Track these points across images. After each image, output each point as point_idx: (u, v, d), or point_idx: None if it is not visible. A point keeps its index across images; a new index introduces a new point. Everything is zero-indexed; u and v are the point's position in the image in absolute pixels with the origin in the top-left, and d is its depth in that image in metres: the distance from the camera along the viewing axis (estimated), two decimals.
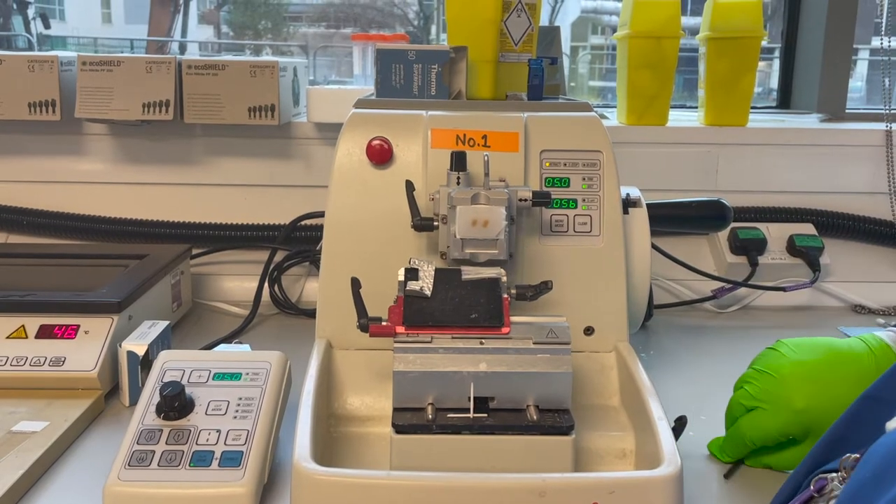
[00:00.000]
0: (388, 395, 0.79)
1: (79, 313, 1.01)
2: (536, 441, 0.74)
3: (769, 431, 0.80)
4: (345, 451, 0.82)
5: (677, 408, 0.84)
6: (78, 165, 1.43)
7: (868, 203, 1.47)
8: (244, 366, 0.86)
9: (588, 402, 0.88)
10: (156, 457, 0.75)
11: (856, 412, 0.64)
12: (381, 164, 0.92)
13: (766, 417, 0.79)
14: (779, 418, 0.79)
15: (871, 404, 0.63)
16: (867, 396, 0.64)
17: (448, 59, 1.01)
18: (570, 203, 0.92)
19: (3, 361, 0.96)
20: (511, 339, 0.76)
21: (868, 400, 0.64)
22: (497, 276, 0.80)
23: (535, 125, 0.93)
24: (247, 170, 1.43)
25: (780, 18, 1.81)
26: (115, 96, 1.32)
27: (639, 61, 1.46)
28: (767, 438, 0.80)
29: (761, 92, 2.31)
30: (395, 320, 0.77)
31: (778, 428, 0.79)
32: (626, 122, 1.49)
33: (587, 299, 0.91)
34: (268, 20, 7.47)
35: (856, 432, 0.63)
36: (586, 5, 7.62)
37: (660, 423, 0.75)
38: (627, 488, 0.67)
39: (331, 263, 0.91)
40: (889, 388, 0.61)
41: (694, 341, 1.24)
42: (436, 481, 0.67)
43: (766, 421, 0.80)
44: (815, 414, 0.77)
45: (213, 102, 1.33)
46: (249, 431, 0.78)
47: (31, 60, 1.32)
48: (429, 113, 0.94)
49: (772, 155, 1.46)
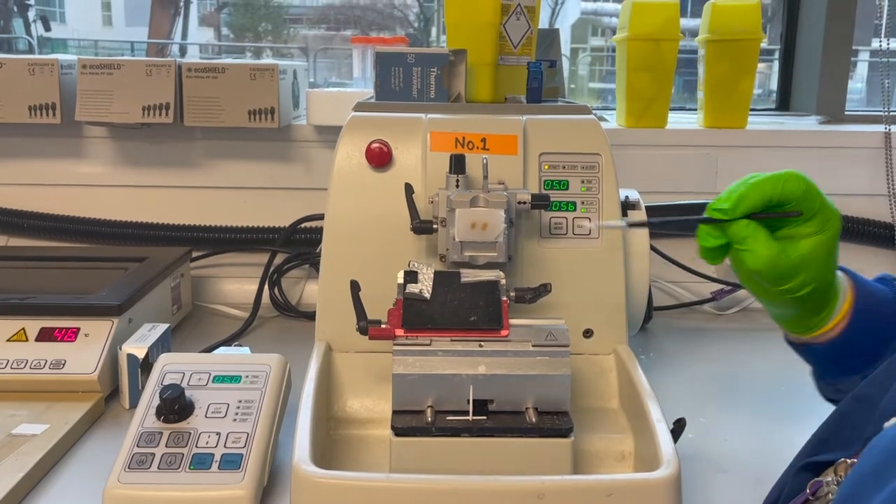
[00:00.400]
0: (387, 398, 0.79)
1: (79, 316, 1.01)
2: (535, 443, 0.74)
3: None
4: (344, 453, 0.82)
5: (676, 410, 0.84)
6: (78, 168, 1.43)
7: (867, 205, 1.47)
8: (244, 368, 0.86)
9: (587, 404, 0.88)
10: (156, 459, 0.75)
11: (842, 411, 0.65)
12: (381, 167, 0.92)
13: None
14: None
15: (858, 403, 0.63)
16: (854, 396, 0.64)
17: (447, 63, 1.01)
18: (569, 206, 0.93)
19: (4, 364, 0.96)
20: (510, 341, 0.76)
21: (854, 399, 0.64)
22: (496, 278, 0.80)
23: (534, 128, 0.93)
24: (247, 172, 1.43)
25: (779, 20, 1.81)
26: (115, 99, 1.32)
27: (638, 64, 1.46)
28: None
29: (762, 93, 2.32)
30: (394, 323, 0.77)
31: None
32: (626, 125, 1.49)
33: (586, 302, 0.91)
34: (268, 22, 7.49)
35: (843, 429, 0.63)
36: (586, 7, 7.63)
37: (659, 425, 0.75)
38: (626, 490, 0.68)
39: (330, 266, 0.91)
40: (874, 387, 0.62)
41: (693, 343, 1.24)
42: (435, 484, 0.67)
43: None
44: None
45: (212, 105, 1.33)
46: (249, 434, 0.78)
47: (32, 64, 1.32)
48: (428, 116, 0.94)
49: (771, 157, 1.47)
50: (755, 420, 0.99)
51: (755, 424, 0.98)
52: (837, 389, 0.79)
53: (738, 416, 0.99)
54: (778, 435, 0.95)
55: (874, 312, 0.75)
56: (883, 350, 0.73)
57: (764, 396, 1.06)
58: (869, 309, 0.75)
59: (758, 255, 0.70)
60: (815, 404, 0.81)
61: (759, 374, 1.12)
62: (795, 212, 0.70)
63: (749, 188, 0.70)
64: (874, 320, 0.75)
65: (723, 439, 0.93)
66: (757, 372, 1.13)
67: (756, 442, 0.93)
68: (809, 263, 0.70)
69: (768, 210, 0.71)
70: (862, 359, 0.75)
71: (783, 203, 0.70)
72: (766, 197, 0.70)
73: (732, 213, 0.70)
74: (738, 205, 0.70)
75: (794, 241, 0.71)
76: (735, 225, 0.70)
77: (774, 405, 1.03)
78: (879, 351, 0.74)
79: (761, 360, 1.16)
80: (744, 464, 0.88)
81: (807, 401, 0.85)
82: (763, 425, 0.98)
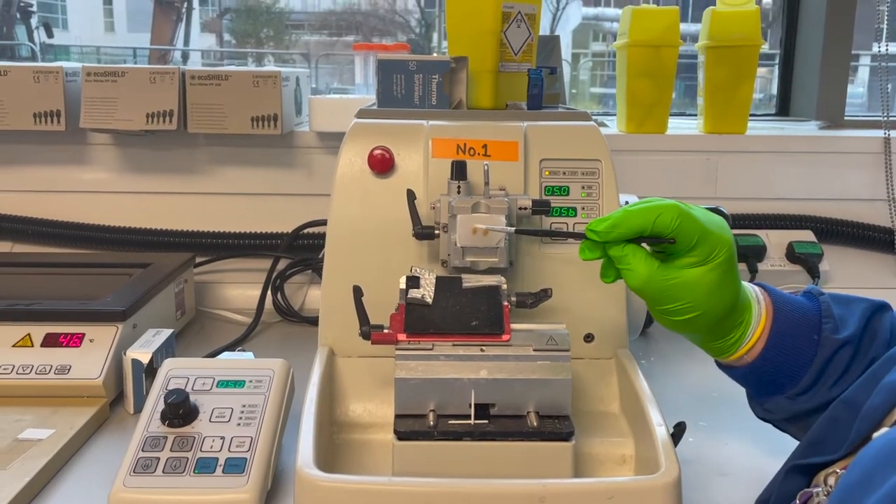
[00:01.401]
0: (389, 402, 0.80)
1: (84, 322, 1.02)
2: (537, 447, 0.75)
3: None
4: (347, 457, 0.82)
5: (677, 414, 0.84)
6: (82, 175, 1.44)
7: (867, 210, 1.47)
8: (248, 373, 0.87)
9: (588, 408, 0.89)
10: (160, 464, 0.75)
11: (831, 415, 0.65)
12: (383, 174, 0.93)
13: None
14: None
15: (845, 407, 0.64)
16: (842, 400, 0.65)
17: (448, 70, 1.02)
18: (570, 211, 0.93)
19: (10, 370, 0.97)
20: (511, 346, 0.77)
21: (842, 403, 0.65)
22: (497, 283, 0.81)
23: (535, 134, 0.94)
24: (250, 179, 1.44)
25: (779, 25, 1.82)
26: (119, 106, 1.33)
27: (638, 70, 1.46)
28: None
29: (762, 98, 2.32)
30: (396, 328, 0.78)
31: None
32: (626, 130, 1.50)
33: (587, 306, 0.92)
34: (270, 28, 7.50)
35: (831, 433, 0.64)
36: (587, 12, 7.64)
37: (659, 429, 0.76)
38: (627, 494, 0.68)
39: (333, 271, 0.92)
40: (861, 392, 0.63)
41: (694, 348, 1.24)
42: (437, 487, 0.68)
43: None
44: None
45: (216, 112, 1.34)
46: (253, 438, 0.79)
47: (37, 71, 1.33)
48: (430, 122, 0.95)
49: (771, 162, 1.47)
50: (755, 424, 0.99)
51: (755, 428, 0.98)
52: (766, 409, 0.79)
53: (738, 420, 0.99)
54: (777, 439, 0.95)
55: (793, 334, 0.74)
56: (804, 371, 0.73)
57: None
58: (787, 331, 0.74)
59: (637, 273, 0.71)
60: None
61: None
62: (669, 239, 0.70)
63: (622, 217, 0.71)
64: (793, 341, 0.74)
65: (723, 443, 0.93)
66: None
67: (756, 446, 0.94)
68: (691, 289, 0.70)
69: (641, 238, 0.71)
70: (784, 379, 0.75)
71: (655, 235, 0.70)
72: (638, 228, 0.70)
73: (605, 236, 0.71)
74: (610, 230, 0.71)
75: (676, 267, 0.71)
76: (612, 247, 0.72)
77: None
78: (801, 372, 0.73)
79: None
80: (744, 467, 0.88)
81: None
82: (763, 429, 0.98)
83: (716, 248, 0.70)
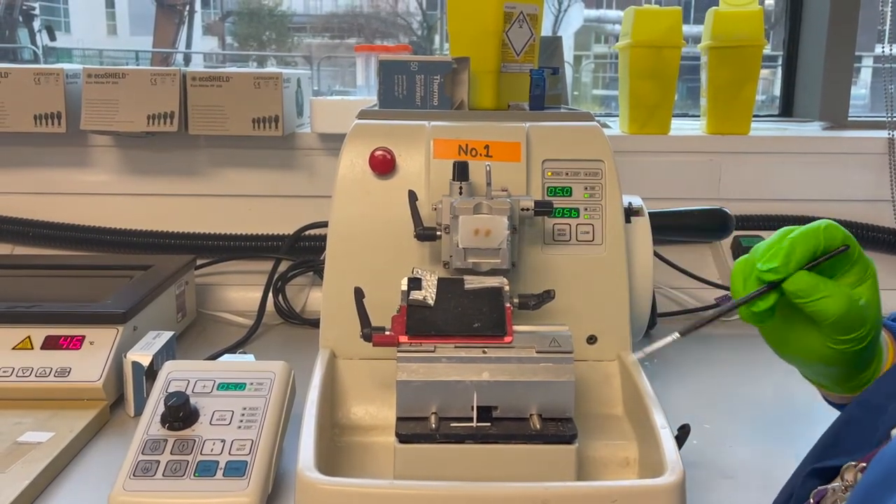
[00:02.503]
0: (391, 405, 0.80)
1: (84, 324, 1.01)
2: (540, 450, 0.74)
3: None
4: (348, 460, 0.82)
5: (680, 416, 0.84)
6: (83, 177, 1.44)
7: (870, 211, 1.47)
8: (248, 376, 0.86)
9: (591, 410, 0.88)
10: (160, 467, 0.75)
11: (848, 416, 0.64)
12: (384, 175, 0.92)
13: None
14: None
15: (863, 409, 0.63)
16: (858, 402, 0.64)
17: (450, 70, 1.02)
18: (573, 212, 0.93)
19: (9, 372, 0.96)
20: (514, 348, 0.77)
21: (859, 404, 0.64)
22: (500, 285, 0.81)
23: (537, 135, 0.94)
24: (251, 180, 1.43)
25: (782, 26, 1.82)
26: (120, 108, 1.33)
27: (640, 71, 1.46)
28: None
29: (765, 99, 2.31)
30: (398, 330, 0.77)
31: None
32: (629, 132, 1.49)
33: (590, 308, 0.91)
34: (272, 31, 7.51)
35: (849, 434, 0.63)
36: (589, 14, 7.63)
37: (663, 431, 0.75)
38: (630, 497, 0.68)
39: (334, 273, 0.92)
40: (878, 393, 0.62)
41: (697, 350, 1.24)
42: (439, 490, 0.67)
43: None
44: None
45: (217, 114, 1.33)
46: (254, 441, 0.78)
47: (37, 73, 1.33)
48: (431, 123, 0.94)
49: (774, 163, 1.47)
50: (760, 426, 0.99)
51: (760, 431, 0.98)
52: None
53: (743, 423, 0.99)
54: (782, 441, 0.95)
55: None
56: None
57: (768, 403, 1.06)
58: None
59: (837, 297, 0.65)
60: (820, 410, 0.81)
61: (764, 380, 1.12)
62: (843, 247, 0.66)
63: (793, 241, 0.66)
64: None
65: (727, 445, 0.92)
66: (761, 378, 1.13)
67: (760, 448, 0.93)
68: (872, 308, 0.67)
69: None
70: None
71: (825, 251, 0.66)
72: (812, 247, 0.66)
73: (786, 269, 0.65)
74: (787, 261, 0.65)
75: (850, 287, 0.66)
76: (794, 280, 0.65)
77: (779, 411, 1.03)
78: None
79: (765, 367, 1.15)
80: (748, 470, 0.87)
81: (811, 407, 0.85)
82: (767, 431, 0.98)
83: (868, 262, 0.68)
